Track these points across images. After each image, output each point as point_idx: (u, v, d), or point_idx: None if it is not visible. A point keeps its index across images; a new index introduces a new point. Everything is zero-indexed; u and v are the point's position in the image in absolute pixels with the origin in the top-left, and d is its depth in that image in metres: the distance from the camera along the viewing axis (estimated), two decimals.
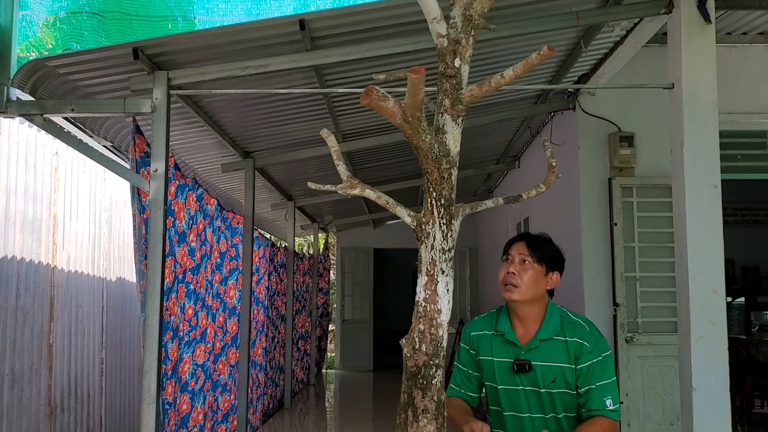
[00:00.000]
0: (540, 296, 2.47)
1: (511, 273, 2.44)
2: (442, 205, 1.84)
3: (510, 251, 2.50)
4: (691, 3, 3.83)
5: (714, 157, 3.75)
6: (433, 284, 1.84)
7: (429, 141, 1.80)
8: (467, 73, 1.78)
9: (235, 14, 4.16)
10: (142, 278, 3.89)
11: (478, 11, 1.75)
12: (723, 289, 3.70)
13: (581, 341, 2.40)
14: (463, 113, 1.80)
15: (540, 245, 2.49)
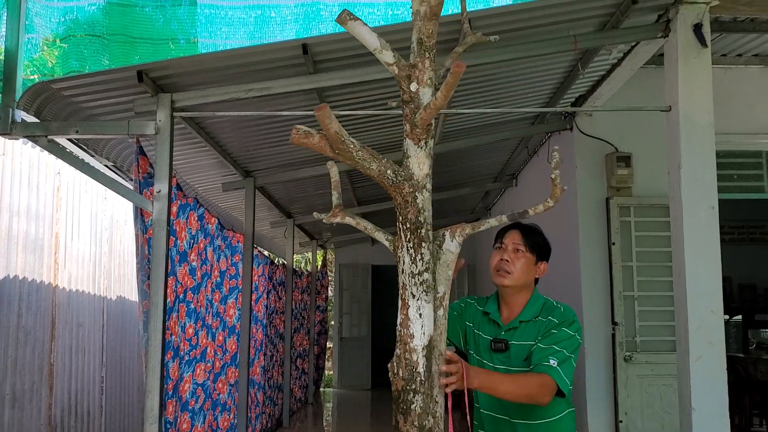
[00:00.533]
0: (529, 284, 2.55)
1: (505, 260, 2.51)
2: (408, 229, 1.86)
3: (504, 239, 2.56)
4: (688, 27, 3.90)
5: (711, 179, 3.80)
6: (405, 309, 1.85)
7: (377, 168, 1.83)
8: (429, 95, 1.80)
9: (237, 37, 4.24)
10: (145, 298, 3.92)
11: (425, 34, 1.79)
12: (721, 309, 3.74)
13: (553, 318, 2.48)
14: (424, 136, 1.83)
15: (532, 235, 2.57)
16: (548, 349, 2.37)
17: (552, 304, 2.55)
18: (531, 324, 2.49)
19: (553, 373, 2.31)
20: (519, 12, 3.93)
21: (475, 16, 3.85)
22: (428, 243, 1.87)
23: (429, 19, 1.77)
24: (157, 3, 4.20)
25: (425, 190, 1.85)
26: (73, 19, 4.12)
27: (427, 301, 1.86)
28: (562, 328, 2.43)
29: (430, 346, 1.85)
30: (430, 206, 1.88)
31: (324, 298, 13.58)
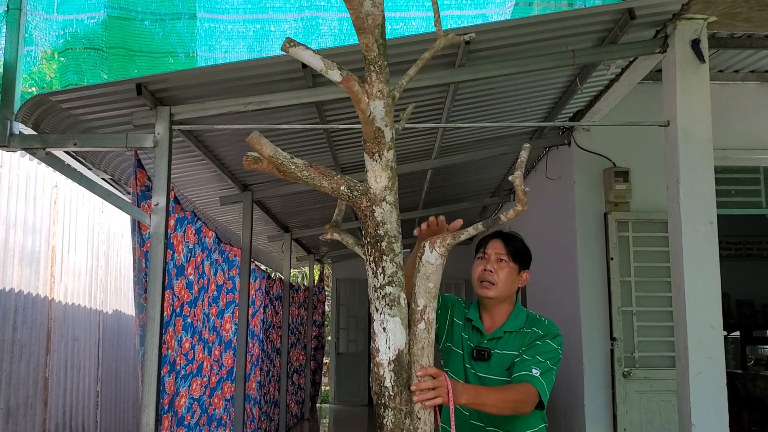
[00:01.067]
0: (512, 294, 2.53)
1: (488, 270, 2.46)
2: (368, 243, 1.85)
3: (486, 249, 2.51)
4: (685, 43, 3.92)
5: (710, 194, 3.80)
6: (373, 323, 1.86)
7: (329, 185, 1.84)
8: (380, 108, 1.80)
9: (237, 51, 4.24)
10: (142, 312, 3.89)
11: (364, 48, 1.79)
12: (720, 325, 3.73)
13: (537, 330, 2.45)
14: (376, 149, 1.83)
15: (514, 243, 2.52)
16: (531, 360, 2.34)
17: (535, 317, 2.52)
18: (516, 335, 2.46)
19: (535, 383, 2.27)
20: (517, 27, 3.94)
21: (474, 30, 3.86)
22: (390, 256, 1.85)
23: (360, 34, 1.78)
24: (157, 17, 4.20)
25: (385, 203, 1.84)
26: (72, 33, 4.12)
27: (391, 315, 1.84)
28: (546, 341, 2.41)
29: (398, 360, 1.83)
30: (394, 218, 1.86)
31: (321, 313, 13.52)
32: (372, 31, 1.79)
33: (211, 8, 4.26)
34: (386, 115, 1.82)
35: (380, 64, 1.80)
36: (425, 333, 1.90)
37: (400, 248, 1.88)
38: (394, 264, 1.84)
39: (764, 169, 6.01)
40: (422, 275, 1.93)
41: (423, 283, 1.92)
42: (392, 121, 1.85)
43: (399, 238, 1.88)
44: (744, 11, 3.90)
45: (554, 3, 4.32)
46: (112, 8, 4.13)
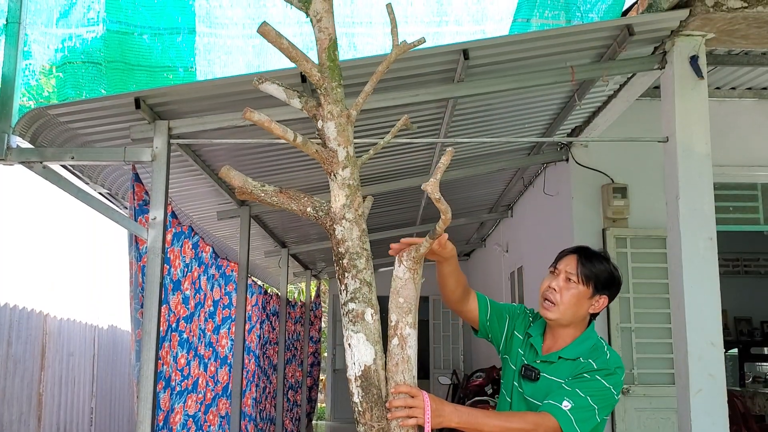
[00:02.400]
0: (580, 318, 2.25)
1: (552, 288, 2.24)
2: (334, 261, 1.89)
3: (558, 264, 2.29)
4: (684, 59, 3.93)
5: (709, 210, 3.79)
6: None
7: (297, 207, 1.87)
8: (332, 129, 1.83)
9: (236, 66, 4.24)
10: (138, 327, 3.86)
11: (306, 73, 1.88)
12: (721, 342, 3.70)
13: (592, 362, 2.17)
14: (331, 168, 1.87)
15: (592, 264, 2.25)
16: (569, 391, 2.09)
17: (602, 348, 2.23)
18: (570, 363, 2.20)
19: (559, 416, 2.02)
20: (516, 43, 3.95)
21: (472, 46, 3.87)
22: (352, 273, 1.87)
23: (296, 63, 1.86)
24: (155, 31, 4.20)
25: (344, 220, 1.87)
26: (71, 47, 4.12)
27: (355, 331, 1.85)
28: (597, 376, 2.12)
29: (364, 376, 1.83)
30: (355, 235, 1.87)
31: (317, 329, 13.47)
32: (320, 55, 1.87)
33: (210, 23, 4.27)
34: (339, 134, 1.87)
35: (326, 86, 1.87)
36: (399, 349, 1.89)
37: (365, 264, 1.88)
38: (356, 280, 1.87)
39: (762, 185, 6.02)
40: (393, 290, 1.95)
41: (394, 298, 1.94)
42: (348, 139, 1.89)
43: (364, 254, 1.89)
44: (742, 28, 3.91)
45: (552, 20, 4.34)
46: (111, 23, 4.13)
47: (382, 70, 1.99)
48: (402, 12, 4.35)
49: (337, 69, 1.89)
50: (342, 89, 1.89)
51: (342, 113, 1.89)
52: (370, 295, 1.88)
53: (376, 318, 1.88)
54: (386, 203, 7.88)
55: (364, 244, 1.90)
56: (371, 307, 1.87)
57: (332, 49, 1.89)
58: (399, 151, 5.75)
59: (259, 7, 4.30)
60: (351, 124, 1.92)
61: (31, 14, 4.01)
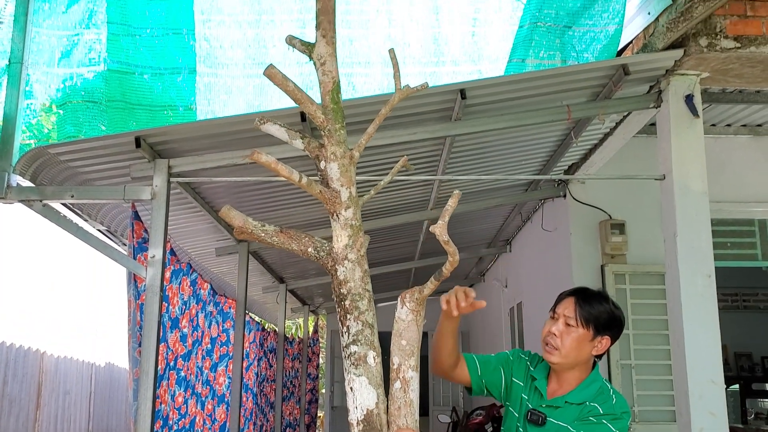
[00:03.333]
0: (583, 361, 2.25)
1: (552, 333, 2.24)
2: (335, 302, 1.88)
3: (557, 308, 2.30)
4: (679, 98, 3.98)
5: (707, 247, 3.80)
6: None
7: (297, 247, 1.87)
8: (335, 169, 1.82)
9: (236, 105, 4.28)
10: (136, 366, 3.84)
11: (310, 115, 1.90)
12: (722, 379, 3.69)
13: (598, 407, 2.18)
14: (334, 209, 1.86)
15: (590, 305, 2.25)
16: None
17: (608, 391, 2.24)
18: (576, 407, 2.20)
19: None
20: (512, 83, 4.00)
21: (469, 86, 3.91)
22: (354, 314, 1.85)
23: (300, 104, 1.87)
24: (156, 71, 4.25)
25: (347, 261, 1.86)
26: (72, 86, 4.16)
27: (357, 374, 1.83)
28: (604, 421, 2.12)
29: (366, 420, 1.81)
30: (357, 276, 1.86)
31: (315, 366, 13.36)
32: (323, 97, 1.89)
33: (210, 63, 4.32)
34: (342, 175, 1.88)
35: (329, 128, 1.87)
36: (401, 392, 1.87)
37: (367, 306, 1.87)
38: (359, 322, 1.85)
39: (759, 221, 6.04)
40: (395, 332, 1.93)
41: (396, 340, 1.92)
42: (351, 180, 1.89)
43: (366, 295, 1.87)
44: (735, 68, 3.97)
45: (548, 60, 4.39)
46: (113, 62, 4.18)
47: (385, 113, 2.01)
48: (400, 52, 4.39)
49: (340, 111, 1.91)
50: (344, 130, 1.91)
51: (345, 154, 1.90)
52: (372, 337, 1.86)
53: (378, 360, 1.87)
54: (384, 238, 7.89)
55: (366, 285, 1.90)
56: (373, 349, 1.86)
57: (336, 91, 1.92)
58: (397, 187, 5.78)
59: (260, 48, 4.35)
60: (353, 165, 1.93)
61: (34, 54, 4.06)
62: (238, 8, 4.37)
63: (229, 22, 4.36)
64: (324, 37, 1.95)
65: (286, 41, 2.00)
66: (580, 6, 4.43)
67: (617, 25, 4.27)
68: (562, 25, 4.38)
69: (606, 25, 4.35)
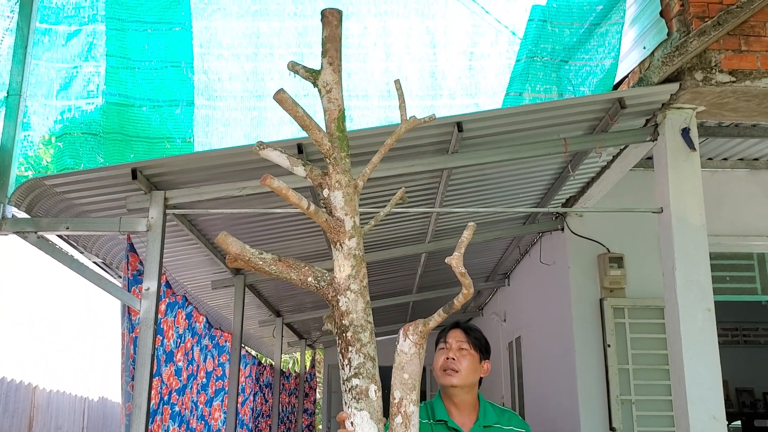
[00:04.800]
0: (475, 384, 2.52)
1: (451, 358, 2.48)
2: (336, 334, 1.83)
3: (447, 339, 2.54)
4: (676, 132, 3.98)
5: (706, 281, 3.78)
6: None
7: (296, 277, 1.85)
8: (340, 198, 1.82)
9: (233, 137, 4.28)
10: (129, 400, 3.77)
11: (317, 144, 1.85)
12: (723, 415, 3.63)
13: (520, 430, 2.49)
14: (336, 238, 1.83)
15: (474, 333, 2.55)
16: None
17: (501, 409, 2.55)
18: (495, 430, 2.47)
19: None
20: (509, 116, 4.01)
21: (466, 119, 3.92)
22: (357, 347, 1.81)
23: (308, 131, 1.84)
24: (154, 103, 4.26)
25: (349, 291, 1.82)
26: (70, 118, 4.17)
27: (359, 408, 1.78)
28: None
29: None
30: (360, 307, 1.83)
31: (312, 401, 13.20)
32: (329, 125, 1.86)
33: (208, 96, 4.34)
34: (346, 204, 1.84)
35: (335, 156, 1.84)
36: (402, 428, 1.82)
37: (369, 338, 1.83)
38: (360, 355, 1.80)
39: (758, 255, 6.02)
40: (397, 365, 1.88)
41: (398, 374, 1.87)
42: (355, 209, 1.86)
43: (368, 327, 1.83)
44: (731, 101, 3.98)
45: (544, 93, 4.42)
46: (111, 95, 4.19)
47: (390, 143, 1.99)
48: None
49: (346, 139, 1.89)
50: (349, 159, 1.88)
51: (350, 183, 1.87)
52: (373, 371, 1.81)
53: (379, 395, 1.82)
54: (381, 272, 7.85)
55: (368, 317, 1.85)
56: (375, 383, 1.81)
57: (341, 119, 1.89)
58: (394, 220, 5.77)
59: (258, 81, 4.38)
60: (357, 194, 1.90)
61: (32, 86, 4.07)
62: (237, 42, 4.40)
63: (227, 56, 4.38)
64: (331, 64, 1.94)
65: (288, 67, 1.98)
66: (576, 41, 4.47)
67: (613, 60, 4.30)
68: (559, 60, 4.41)
69: (602, 60, 4.38)
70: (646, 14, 4.15)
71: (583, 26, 4.48)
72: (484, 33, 4.43)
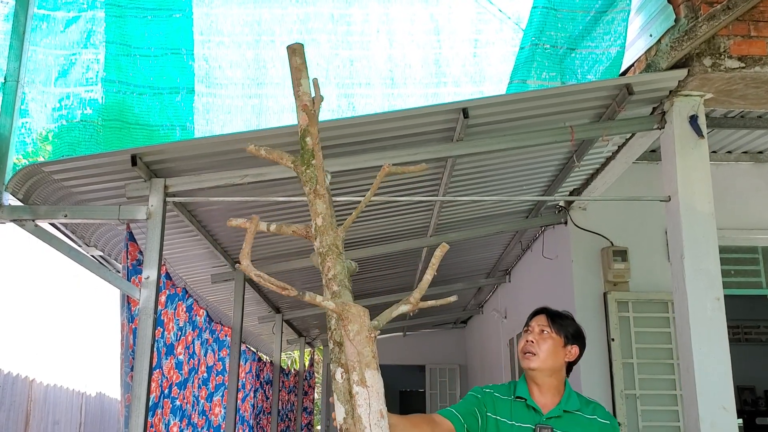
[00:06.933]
0: (558, 368, 2.53)
1: (530, 341, 2.51)
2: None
3: (530, 322, 2.59)
4: (683, 119, 3.93)
5: (715, 269, 3.72)
6: None
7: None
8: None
9: (234, 125, 4.22)
10: (128, 391, 3.71)
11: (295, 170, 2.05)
12: (733, 405, 3.57)
13: (604, 421, 2.49)
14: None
15: (560, 318, 2.57)
16: None
17: (586, 399, 2.56)
18: (576, 417, 2.47)
19: None
20: (516, 102, 3.95)
21: (472, 105, 3.86)
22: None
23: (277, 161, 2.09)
24: (155, 91, 4.20)
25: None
26: (69, 105, 4.10)
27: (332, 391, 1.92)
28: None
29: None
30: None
31: (311, 400, 13.13)
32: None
33: (209, 83, 4.28)
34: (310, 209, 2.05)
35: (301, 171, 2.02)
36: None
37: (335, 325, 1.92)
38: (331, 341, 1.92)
39: (762, 249, 5.97)
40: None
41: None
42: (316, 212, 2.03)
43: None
44: (740, 88, 3.93)
45: (549, 81, 4.36)
46: (110, 82, 4.13)
47: (375, 187, 2.04)
48: (400, 74, 4.38)
49: (307, 153, 2.00)
50: (312, 169, 1.99)
51: (311, 191, 2.02)
52: (339, 355, 1.90)
53: (345, 377, 1.84)
54: (382, 267, 7.79)
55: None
56: (341, 366, 1.88)
57: (303, 137, 2.01)
58: (396, 211, 5.70)
59: (259, 68, 4.32)
60: (319, 197, 2.02)
61: (30, 73, 4.01)
62: (238, 29, 4.34)
63: (228, 43, 4.32)
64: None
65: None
66: (582, 28, 4.41)
67: (619, 47, 4.25)
68: (564, 47, 4.35)
69: (608, 48, 4.32)
70: (653, 1, 4.09)
71: (589, 14, 4.42)
72: (489, 20, 4.37)
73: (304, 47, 2.06)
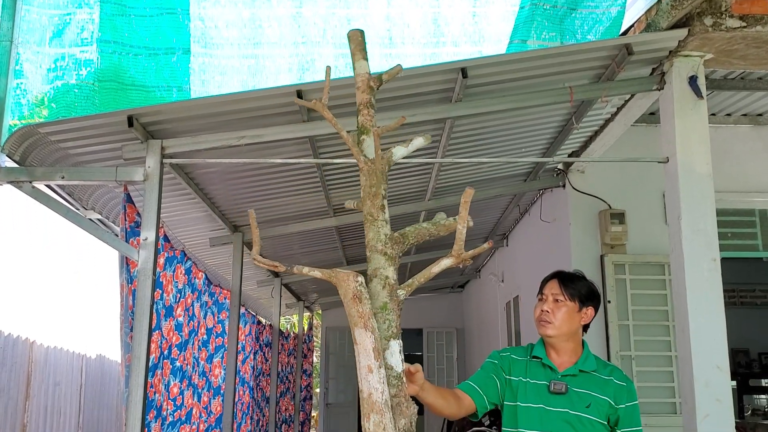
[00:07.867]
0: (575, 331, 2.59)
1: (545, 311, 2.57)
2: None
3: (543, 290, 2.63)
4: (683, 79, 3.90)
5: (712, 230, 3.72)
6: None
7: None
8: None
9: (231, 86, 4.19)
10: (128, 351, 3.74)
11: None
12: (727, 365, 3.61)
13: (620, 382, 2.56)
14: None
15: (572, 282, 2.60)
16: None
17: (603, 361, 2.63)
18: (591, 377, 2.54)
19: None
20: (515, 62, 3.92)
21: (471, 65, 3.83)
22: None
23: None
24: (150, 51, 4.16)
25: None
26: (64, 66, 4.06)
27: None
28: (637, 400, 2.61)
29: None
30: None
31: (310, 362, 13.26)
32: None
33: (205, 43, 4.23)
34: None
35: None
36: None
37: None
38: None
39: (759, 211, 5.98)
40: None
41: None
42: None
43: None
44: (740, 48, 3.89)
45: (549, 42, 4.32)
46: (105, 42, 4.09)
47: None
48: (399, 33, 4.33)
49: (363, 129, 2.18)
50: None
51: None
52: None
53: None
54: None
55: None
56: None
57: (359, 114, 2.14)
58: (394, 175, 5.69)
59: (255, 28, 4.27)
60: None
61: (24, 33, 3.96)
62: None
63: (224, 2, 4.27)
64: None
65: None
66: None
67: (620, 7, 4.20)
68: (565, 7, 4.30)
69: (608, 7, 4.27)
70: None
71: None
72: None
73: (363, 34, 2.21)
